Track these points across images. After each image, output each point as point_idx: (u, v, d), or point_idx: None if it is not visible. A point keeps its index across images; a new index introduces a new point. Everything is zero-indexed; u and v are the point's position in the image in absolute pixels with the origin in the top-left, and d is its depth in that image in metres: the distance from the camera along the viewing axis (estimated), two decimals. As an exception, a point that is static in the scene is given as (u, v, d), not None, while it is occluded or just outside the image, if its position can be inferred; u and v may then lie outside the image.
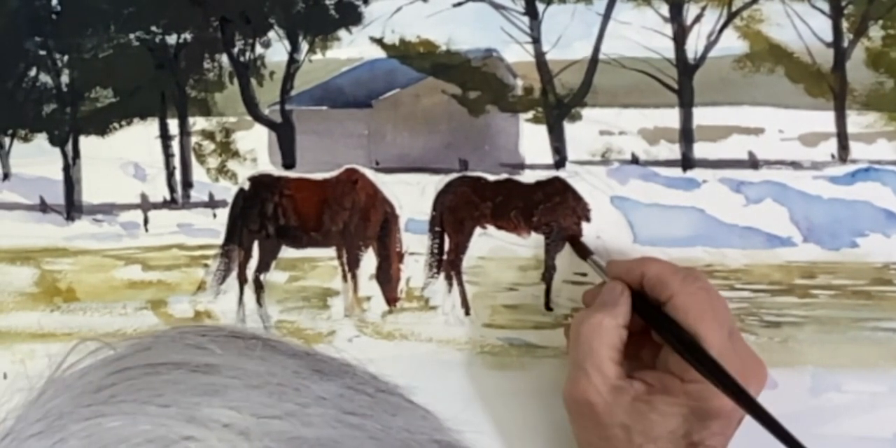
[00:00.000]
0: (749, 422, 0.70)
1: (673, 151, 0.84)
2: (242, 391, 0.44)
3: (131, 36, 0.90)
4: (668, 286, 0.73)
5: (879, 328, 0.81)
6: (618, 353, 0.73)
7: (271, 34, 0.88)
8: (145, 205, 0.91)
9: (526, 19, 0.85)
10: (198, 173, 0.90)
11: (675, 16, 0.83)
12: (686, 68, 0.83)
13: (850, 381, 0.81)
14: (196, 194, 0.90)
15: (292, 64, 0.88)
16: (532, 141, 0.86)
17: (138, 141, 0.90)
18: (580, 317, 0.75)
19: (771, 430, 0.68)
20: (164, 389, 0.44)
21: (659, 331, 0.74)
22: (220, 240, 0.89)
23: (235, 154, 0.90)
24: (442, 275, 0.87)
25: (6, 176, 0.92)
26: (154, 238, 0.90)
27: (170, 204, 0.91)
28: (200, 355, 0.46)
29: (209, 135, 0.90)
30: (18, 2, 0.91)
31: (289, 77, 0.88)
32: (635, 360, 0.76)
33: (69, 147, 0.91)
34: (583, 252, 0.82)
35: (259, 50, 0.88)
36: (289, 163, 0.89)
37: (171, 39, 0.89)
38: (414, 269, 0.87)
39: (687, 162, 0.84)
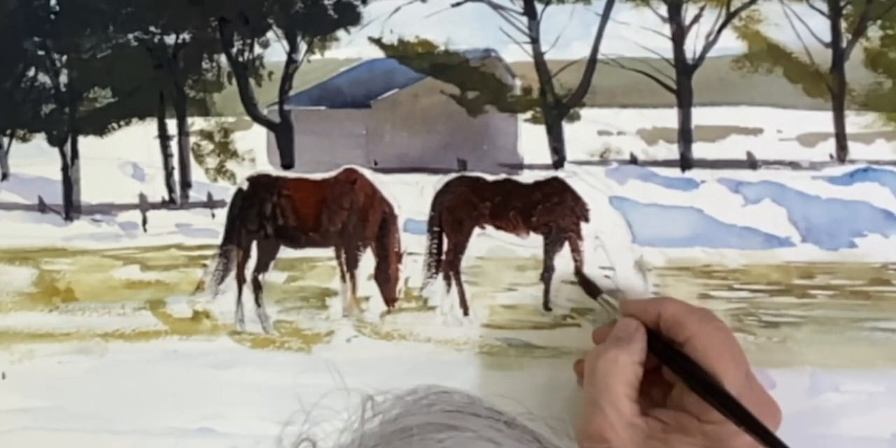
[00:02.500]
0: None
1: (671, 151, 0.84)
2: None
3: (130, 36, 0.90)
4: (685, 327, 0.73)
5: (878, 328, 0.81)
6: (633, 390, 0.73)
7: (270, 34, 0.88)
8: (144, 205, 0.91)
9: (524, 19, 0.85)
10: (196, 173, 0.90)
11: (674, 16, 0.83)
12: (685, 68, 0.83)
13: (848, 382, 0.81)
14: (195, 194, 0.90)
15: (291, 64, 0.88)
16: (531, 141, 0.86)
17: (137, 141, 0.90)
18: (595, 352, 0.75)
19: None
20: None
21: (677, 370, 0.74)
22: (218, 240, 0.89)
23: (234, 154, 0.90)
24: (440, 275, 0.87)
25: (5, 176, 0.92)
26: (152, 238, 0.90)
27: (168, 204, 0.91)
28: None
29: (208, 135, 0.90)
30: (17, 2, 0.91)
31: (287, 77, 0.88)
32: (646, 397, 0.75)
33: (68, 147, 0.91)
34: (592, 291, 0.82)
35: (258, 50, 0.88)
36: (287, 163, 0.89)
37: (170, 39, 0.89)
38: (412, 269, 0.87)
39: (685, 162, 0.84)
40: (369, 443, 0.48)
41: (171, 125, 0.90)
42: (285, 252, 0.89)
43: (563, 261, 0.85)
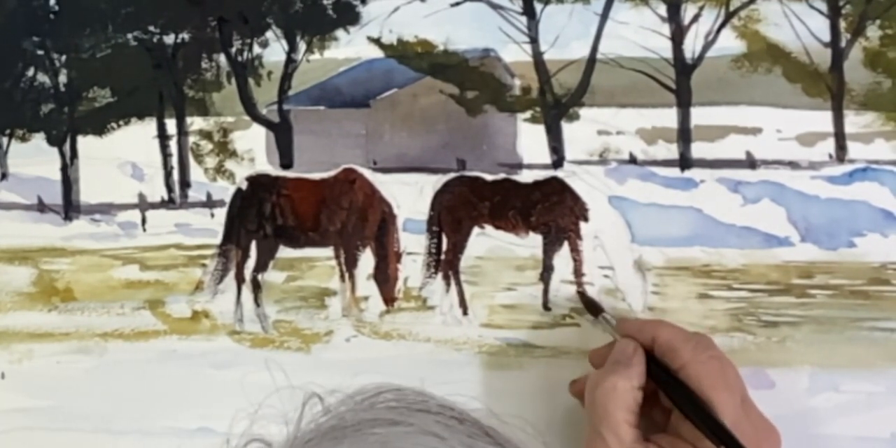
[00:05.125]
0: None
1: (671, 151, 0.84)
2: None
3: (129, 36, 0.90)
4: (679, 354, 0.73)
5: (877, 328, 0.81)
6: (633, 416, 0.73)
7: (269, 34, 0.88)
8: (143, 205, 0.91)
9: (524, 19, 0.85)
10: (195, 173, 0.90)
11: (673, 15, 0.83)
12: (684, 68, 0.83)
13: (847, 381, 0.81)
14: (194, 194, 0.90)
15: (290, 64, 0.88)
16: (530, 141, 0.86)
17: (136, 141, 0.90)
18: (594, 380, 0.74)
19: None
20: None
21: (671, 397, 0.73)
22: (217, 240, 0.89)
23: (233, 154, 0.90)
24: (440, 275, 0.87)
25: (4, 176, 0.92)
26: (152, 238, 0.90)
27: (167, 204, 0.91)
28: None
29: (207, 135, 0.90)
30: (16, 2, 0.91)
31: (286, 77, 0.88)
32: (647, 419, 0.75)
33: (67, 147, 0.91)
34: (593, 309, 0.81)
35: (257, 50, 0.88)
36: (286, 163, 0.89)
37: (169, 39, 0.89)
38: (412, 268, 0.87)
39: (685, 162, 0.84)
40: (304, 438, 0.47)
41: (171, 125, 0.90)
42: (284, 252, 0.89)
43: (563, 260, 0.85)
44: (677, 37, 0.83)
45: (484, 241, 0.86)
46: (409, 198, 0.87)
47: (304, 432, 0.49)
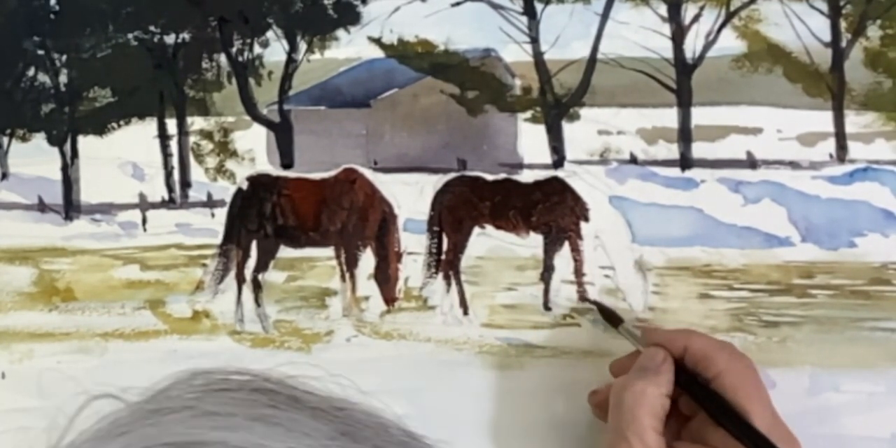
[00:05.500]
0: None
1: (671, 151, 0.84)
2: None
3: (129, 36, 0.90)
4: (714, 363, 0.73)
5: (878, 328, 0.81)
6: (660, 423, 0.72)
7: (269, 34, 0.88)
8: (143, 204, 0.91)
9: (524, 19, 0.85)
10: (196, 173, 0.90)
11: (674, 15, 0.83)
12: (684, 68, 0.83)
13: (848, 381, 0.81)
14: (194, 194, 0.90)
15: (290, 64, 0.88)
16: (530, 140, 0.86)
17: (137, 141, 0.90)
18: (621, 384, 0.74)
19: None
20: None
21: (705, 405, 0.73)
22: (218, 239, 0.89)
23: (234, 154, 0.90)
24: (440, 274, 0.87)
25: (4, 175, 0.92)
26: (152, 238, 0.90)
27: (168, 203, 0.91)
28: (215, 428, 0.42)
29: (207, 134, 0.90)
30: (17, 1, 0.91)
31: (287, 77, 0.88)
32: (671, 428, 0.75)
33: (67, 147, 0.91)
34: (613, 320, 0.81)
35: (257, 50, 0.88)
36: (287, 162, 0.89)
37: (170, 39, 0.89)
38: (412, 268, 0.87)
39: (685, 162, 0.84)
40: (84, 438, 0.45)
41: (171, 125, 0.90)
42: (285, 252, 0.89)
43: (563, 260, 0.85)
44: (678, 37, 0.83)
45: (484, 241, 0.86)
46: (410, 198, 0.87)
47: (89, 431, 0.46)
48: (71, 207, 0.91)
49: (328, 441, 0.43)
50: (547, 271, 0.85)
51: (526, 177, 0.86)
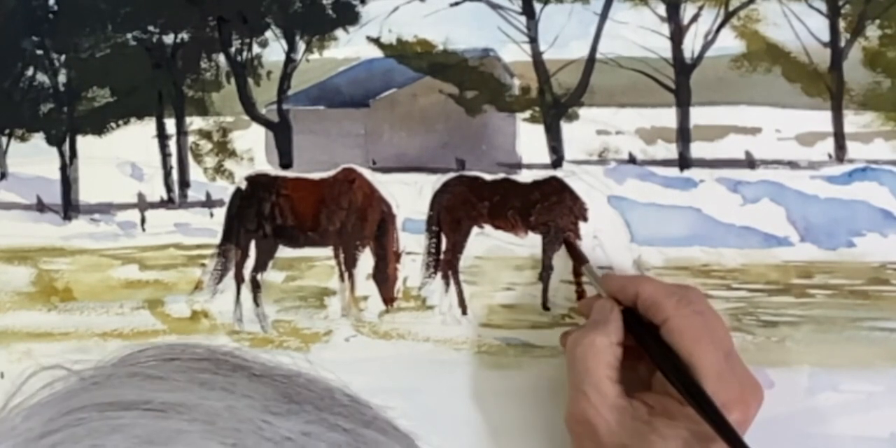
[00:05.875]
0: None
1: (670, 151, 0.84)
2: (197, 438, 0.40)
3: (128, 35, 0.90)
4: (662, 309, 0.73)
5: (876, 328, 0.81)
6: (615, 372, 0.73)
7: (268, 34, 0.88)
8: (142, 204, 0.91)
9: (523, 19, 0.85)
10: (195, 173, 0.90)
11: (672, 15, 0.83)
12: (683, 68, 0.83)
13: (846, 381, 0.81)
14: (193, 194, 0.90)
15: (289, 63, 0.88)
16: (529, 140, 0.86)
17: (135, 140, 0.90)
18: (574, 338, 0.75)
19: None
20: (115, 438, 0.40)
21: (650, 354, 0.73)
22: (217, 239, 0.89)
23: (232, 153, 0.90)
24: (439, 274, 0.87)
25: (3, 175, 0.92)
26: (151, 237, 0.90)
27: (167, 203, 0.91)
28: (157, 390, 0.43)
29: (206, 134, 0.90)
30: (15, 1, 0.91)
31: (286, 77, 0.88)
32: (633, 376, 0.75)
33: (66, 146, 0.91)
34: (579, 259, 0.82)
35: (256, 49, 0.88)
36: (286, 162, 0.89)
37: (168, 39, 0.89)
38: (411, 268, 0.87)
39: (684, 161, 0.84)
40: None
41: (170, 124, 0.90)
42: (284, 251, 0.89)
43: (562, 260, 0.85)
44: (676, 36, 0.83)
45: (483, 241, 0.86)
46: (409, 197, 0.87)
47: (39, 398, 0.46)
48: (70, 207, 0.91)
49: (268, 401, 0.43)
50: (546, 271, 0.85)
51: (524, 177, 0.86)
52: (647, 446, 0.71)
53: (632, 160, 0.85)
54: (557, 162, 0.85)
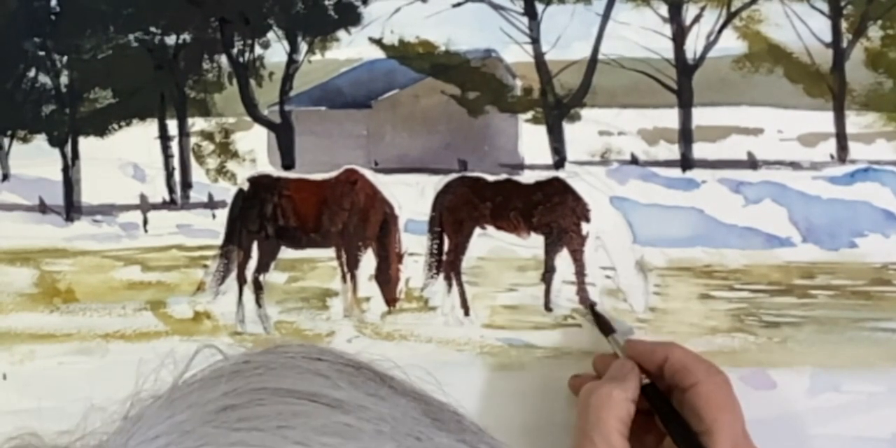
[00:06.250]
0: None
1: (672, 152, 0.84)
2: (375, 438, 0.42)
3: (130, 37, 0.90)
4: (692, 373, 0.74)
5: (878, 328, 0.81)
6: (625, 427, 0.74)
7: (270, 35, 0.88)
8: (144, 205, 0.91)
9: (525, 20, 0.85)
10: (197, 174, 0.90)
11: (675, 16, 0.83)
12: (685, 68, 0.83)
13: (848, 382, 0.81)
14: (195, 195, 0.90)
15: (291, 64, 0.88)
16: (531, 141, 0.86)
17: (137, 142, 0.90)
18: (589, 388, 0.75)
19: None
20: (297, 423, 0.42)
21: (665, 420, 0.74)
22: (219, 240, 0.89)
23: (234, 155, 0.90)
24: (441, 275, 0.87)
25: (5, 177, 0.92)
26: (153, 239, 0.90)
27: (169, 205, 0.91)
28: (327, 387, 0.44)
29: (208, 135, 0.90)
30: (17, 2, 0.91)
31: (288, 78, 0.88)
32: (639, 443, 0.76)
33: (68, 148, 0.91)
34: (605, 329, 0.81)
35: (258, 51, 0.88)
36: (288, 163, 0.89)
37: (171, 40, 0.89)
38: (413, 269, 0.87)
39: (686, 162, 0.84)
40: (191, 379, 0.47)
41: (172, 126, 0.90)
42: (286, 252, 0.89)
43: (564, 261, 0.85)
44: (679, 37, 0.83)
45: (485, 242, 0.86)
46: (411, 198, 0.87)
47: (201, 371, 0.48)
48: (72, 208, 0.91)
49: (418, 416, 0.45)
50: (548, 272, 0.85)
51: (527, 177, 0.86)
52: None
53: (634, 161, 0.85)
54: (560, 163, 0.85)
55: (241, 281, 0.89)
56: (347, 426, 0.42)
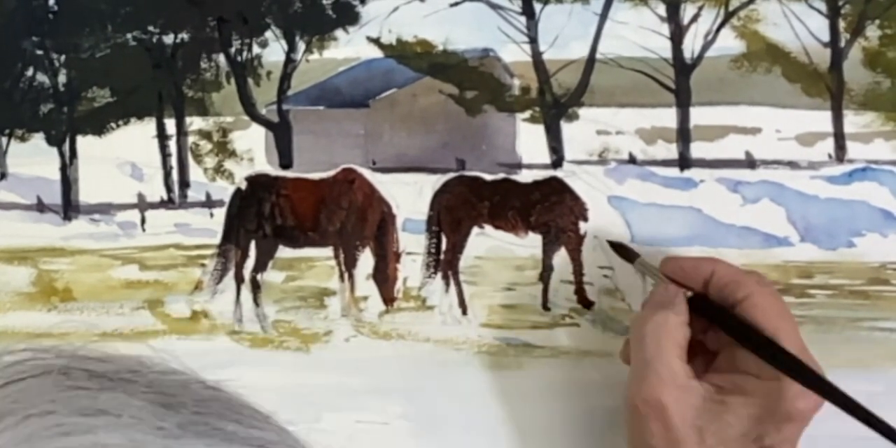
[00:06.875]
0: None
1: (670, 151, 0.84)
2: None
3: (128, 36, 0.90)
4: (743, 286, 0.72)
5: (876, 328, 0.81)
6: (683, 352, 0.72)
7: (268, 34, 0.88)
8: (142, 204, 0.91)
9: (523, 19, 0.85)
10: (195, 173, 0.90)
11: (672, 15, 0.83)
12: (683, 68, 0.83)
13: (847, 381, 0.80)
14: (193, 194, 0.90)
15: (289, 64, 0.88)
16: (529, 140, 0.86)
17: (135, 141, 0.90)
18: (642, 317, 0.73)
19: (859, 417, 0.67)
20: None
21: (729, 330, 0.72)
22: (217, 239, 0.89)
23: (232, 154, 0.90)
24: (439, 274, 0.87)
25: (3, 176, 0.92)
26: (151, 238, 0.90)
27: (167, 204, 0.91)
28: (55, 438, 0.38)
29: (206, 134, 0.90)
30: (15, 1, 0.91)
31: (286, 77, 0.88)
32: (695, 362, 0.74)
33: (66, 147, 0.91)
34: (628, 255, 0.80)
35: (256, 50, 0.88)
36: (286, 163, 0.89)
37: (168, 39, 0.89)
38: (411, 268, 0.87)
39: (684, 161, 0.84)
40: None
41: (170, 125, 0.90)
42: (284, 252, 0.89)
43: (562, 260, 0.85)
44: (676, 37, 0.83)
45: (483, 241, 0.86)
46: (409, 198, 0.87)
47: None
48: (70, 207, 0.91)
49: (158, 421, 0.40)
50: (546, 271, 0.85)
51: (525, 177, 0.86)
52: (720, 426, 0.70)
53: (632, 160, 0.85)
54: (557, 162, 0.85)
55: (239, 280, 0.89)
56: None
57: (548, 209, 0.85)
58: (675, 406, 0.70)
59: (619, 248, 0.81)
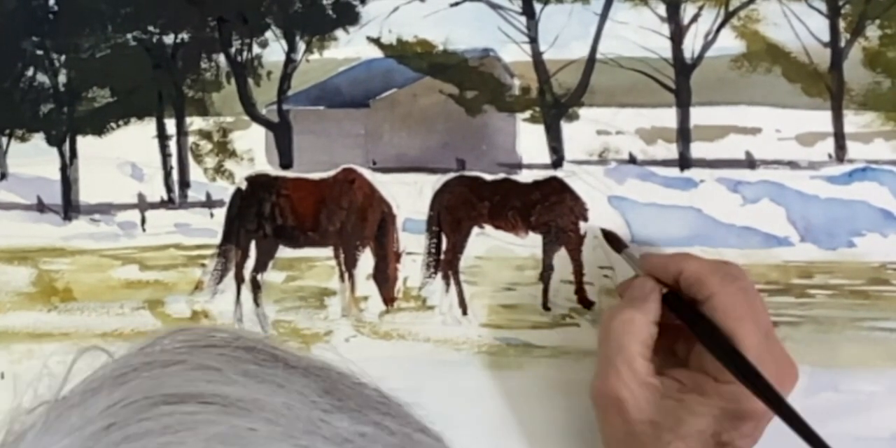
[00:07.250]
0: (776, 424, 0.70)
1: (670, 151, 0.84)
2: (266, 439, 0.40)
3: (128, 36, 0.90)
4: (706, 285, 0.73)
5: (876, 328, 0.81)
6: (648, 350, 0.73)
7: (268, 34, 0.88)
8: (142, 205, 0.91)
9: (523, 19, 0.85)
10: (195, 173, 0.90)
11: (673, 15, 0.83)
12: (683, 68, 0.83)
13: (847, 381, 0.81)
14: (193, 194, 0.90)
15: (289, 64, 0.88)
16: (529, 140, 0.86)
17: (135, 141, 0.90)
18: (610, 313, 0.75)
19: (801, 434, 0.68)
20: (186, 436, 0.40)
21: (694, 330, 0.73)
22: (217, 240, 0.89)
23: (233, 154, 0.90)
24: (439, 274, 0.87)
25: (3, 176, 0.92)
26: (151, 238, 0.90)
27: (167, 204, 0.91)
28: (217, 383, 0.43)
29: (206, 135, 0.90)
30: (16, 1, 0.91)
31: (286, 77, 0.88)
32: (669, 355, 0.76)
33: (66, 147, 0.91)
34: (617, 245, 0.81)
35: (256, 50, 0.88)
36: (286, 163, 0.89)
37: (169, 39, 0.89)
38: (411, 268, 0.87)
39: (684, 161, 0.84)
40: (80, 388, 0.46)
41: (170, 125, 0.90)
42: (284, 252, 0.89)
43: (562, 260, 0.85)
44: (677, 37, 0.83)
45: (483, 241, 0.86)
46: (409, 198, 0.87)
47: (82, 382, 0.46)
48: (70, 207, 0.91)
49: (317, 398, 0.44)
50: (546, 271, 0.85)
51: (525, 177, 0.86)
52: (676, 423, 0.71)
53: (632, 160, 0.85)
54: (558, 162, 0.85)
55: (239, 280, 0.89)
56: (238, 434, 0.40)
57: (548, 209, 0.85)
58: (633, 402, 0.72)
59: (610, 238, 0.81)
